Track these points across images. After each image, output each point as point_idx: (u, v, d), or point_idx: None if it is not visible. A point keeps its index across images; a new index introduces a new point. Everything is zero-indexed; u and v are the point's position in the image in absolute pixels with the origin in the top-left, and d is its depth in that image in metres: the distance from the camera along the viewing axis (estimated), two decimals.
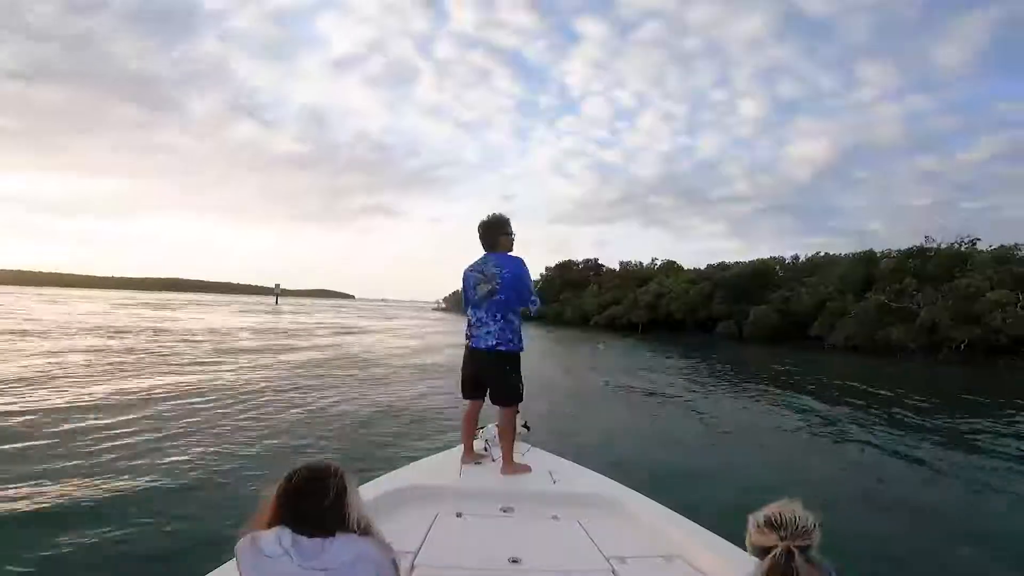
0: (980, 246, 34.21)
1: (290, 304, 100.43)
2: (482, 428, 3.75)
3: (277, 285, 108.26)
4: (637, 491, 2.94)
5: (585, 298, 65.25)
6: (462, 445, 3.46)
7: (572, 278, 76.95)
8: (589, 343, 33.91)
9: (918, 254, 34.59)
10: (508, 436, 3.21)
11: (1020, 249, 33.62)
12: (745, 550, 1.50)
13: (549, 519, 2.63)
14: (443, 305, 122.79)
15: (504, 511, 2.71)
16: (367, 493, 2.54)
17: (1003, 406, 13.41)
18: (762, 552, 1.34)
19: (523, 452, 3.65)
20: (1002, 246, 33.47)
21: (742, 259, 52.62)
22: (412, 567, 2.03)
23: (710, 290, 48.48)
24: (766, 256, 53.08)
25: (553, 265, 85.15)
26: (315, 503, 1.28)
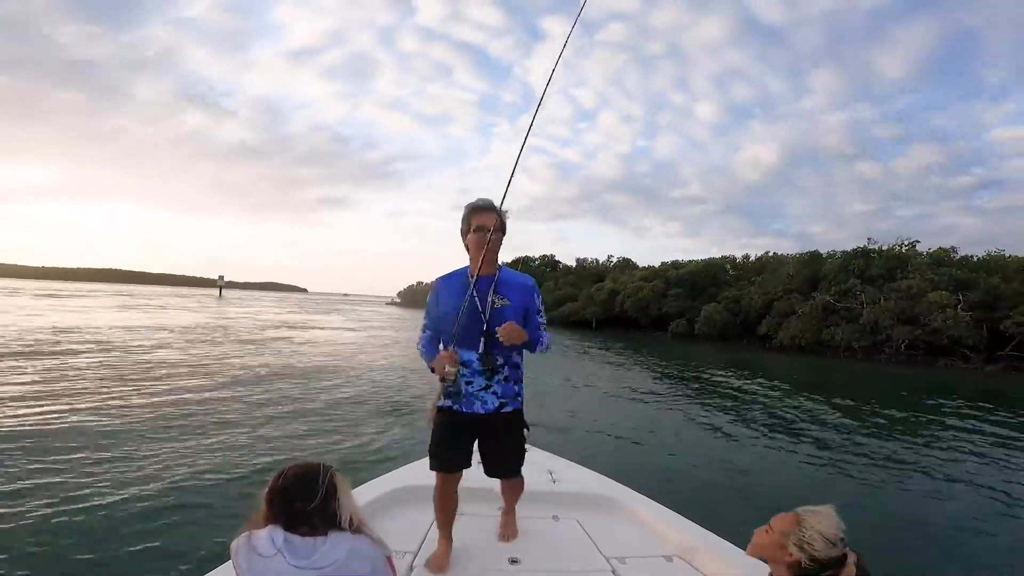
0: (918, 249, 35.17)
1: (235, 297, 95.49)
2: None
3: (221, 277, 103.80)
4: (637, 491, 2.93)
5: (541, 294, 64.51)
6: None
7: (528, 273, 76.26)
8: None
9: (861, 255, 35.20)
10: (517, 497, 2.50)
11: (956, 252, 34.86)
12: (743, 550, 1.61)
13: (549, 519, 2.63)
14: (397, 300, 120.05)
15: (504, 511, 2.68)
16: (366, 493, 2.60)
17: (940, 407, 13.05)
18: (827, 564, 1.41)
19: None
20: (940, 248, 34.52)
21: (695, 258, 53.03)
22: (412, 567, 2.07)
23: (663, 288, 48.43)
24: (718, 255, 53.73)
25: (510, 261, 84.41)
26: (304, 502, 1.28)
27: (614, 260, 70.32)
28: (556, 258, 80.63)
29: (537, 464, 3.27)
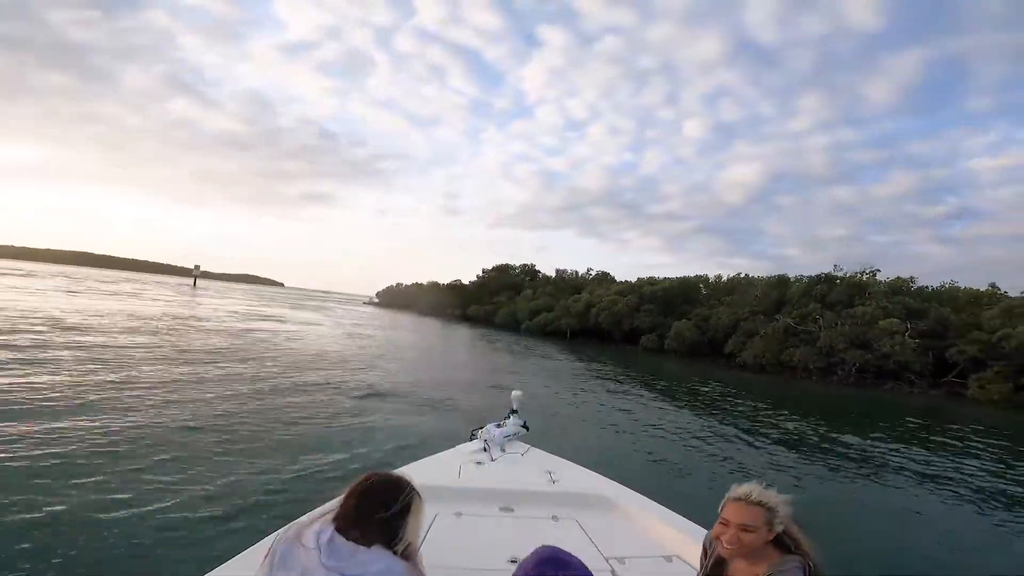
0: (879, 277, 36.83)
1: (209, 288, 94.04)
2: (481, 428, 3.73)
3: (196, 267, 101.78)
4: (636, 491, 2.95)
5: (518, 302, 65.21)
6: (459, 447, 3.11)
7: (508, 282, 77.03)
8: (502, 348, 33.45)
9: (825, 281, 36.73)
10: None
11: (915, 282, 36.58)
12: None
13: (548, 519, 2.63)
14: (376, 300, 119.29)
15: (503, 511, 2.69)
16: None
17: (876, 426, 14.04)
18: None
19: (522, 452, 3.66)
20: (899, 278, 36.18)
21: (673, 275, 54.45)
22: None
23: (636, 303, 49.51)
24: (696, 273, 55.14)
25: (491, 267, 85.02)
26: (379, 509, 1.30)
27: (593, 273, 71.51)
28: (536, 267, 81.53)
29: (537, 464, 3.38)
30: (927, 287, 35.56)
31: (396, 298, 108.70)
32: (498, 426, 3.78)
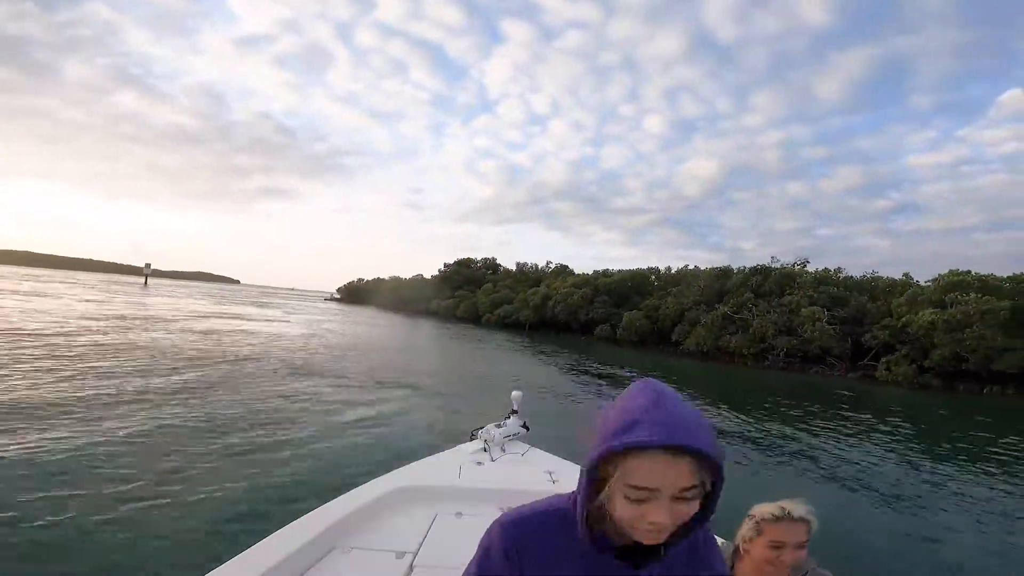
0: (809, 268, 39.53)
1: (161, 286, 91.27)
2: (481, 428, 3.73)
3: (147, 265, 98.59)
4: None
5: (479, 296, 66.27)
6: (459, 447, 3.22)
7: (470, 276, 77.98)
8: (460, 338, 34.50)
9: (760, 272, 39.20)
10: None
11: (842, 272, 39.42)
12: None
13: None
14: (337, 296, 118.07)
15: (503, 511, 2.64)
16: (367, 493, 2.57)
17: (797, 404, 15.79)
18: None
19: (522, 452, 3.66)
20: (825, 269, 38.95)
21: (635, 267, 56.63)
22: (412, 567, 2.04)
23: (591, 295, 51.33)
24: (657, 265, 57.49)
25: (453, 262, 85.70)
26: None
27: (552, 266, 73.16)
28: (498, 261, 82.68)
29: (537, 465, 3.39)
30: (852, 277, 38.43)
31: (357, 294, 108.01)
32: (498, 426, 3.78)
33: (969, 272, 28.80)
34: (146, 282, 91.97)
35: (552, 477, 3.19)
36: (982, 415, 17.60)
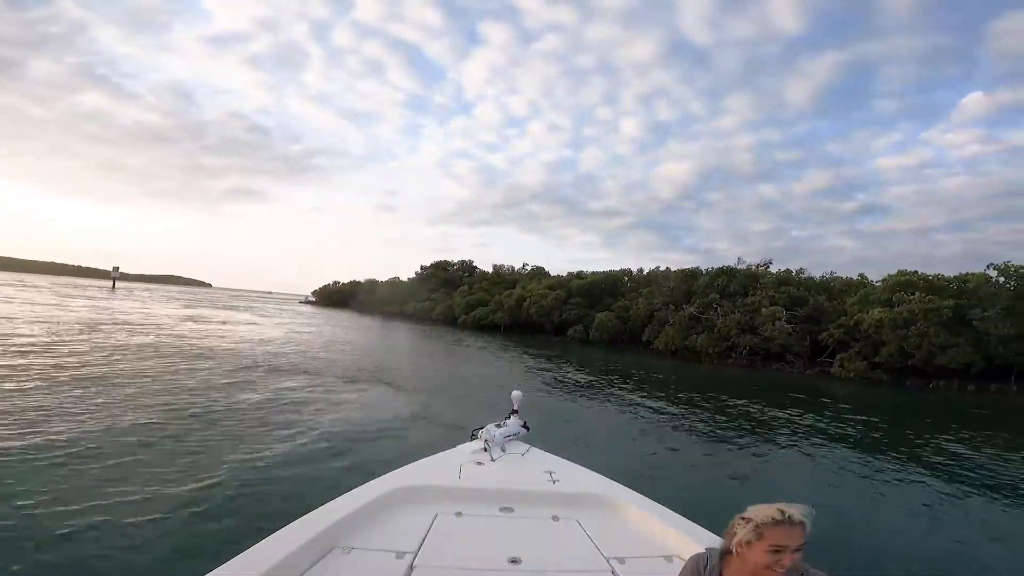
0: (773, 269, 41.11)
1: (130, 290, 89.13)
2: (481, 428, 3.72)
3: (115, 268, 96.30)
4: (637, 491, 2.97)
5: (455, 298, 66.66)
6: (459, 447, 3.37)
7: (447, 278, 78.24)
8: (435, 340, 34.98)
9: (726, 273, 40.62)
10: None
11: (804, 272, 41.08)
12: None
13: (549, 519, 2.64)
14: (312, 299, 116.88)
15: (504, 511, 2.69)
16: (367, 493, 2.59)
17: (756, 399, 16.77)
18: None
19: (523, 452, 3.68)
20: (787, 270, 40.58)
21: (611, 268, 57.87)
22: (412, 567, 2.04)
23: (565, 296, 52.27)
24: (633, 267, 58.63)
25: (429, 264, 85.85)
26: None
27: (529, 268, 73.97)
28: (474, 264, 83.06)
29: (537, 465, 3.40)
30: (812, 278, 40.09)
31: (333, 297, 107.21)
32: (498, 426, 3.79)
33: (916, 272, 30.46)
34: (114, 285, 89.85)
35: (552, 477, 3.18)
36: (923, 408, 18.96)
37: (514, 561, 2.15)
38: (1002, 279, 28.47)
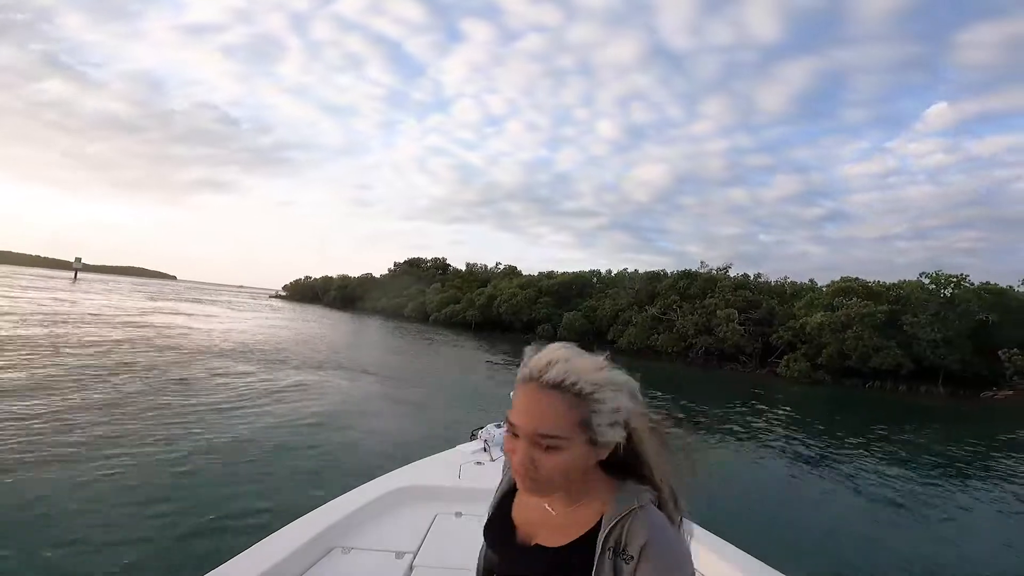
0: (732, 273, 43.12)
1: (93, 281, 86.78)
2: (481, 428, 3.70)
3: (78, 259, 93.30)
4: None
5: (427, 295, 67.27)
6: (459, 447, 3.30)
7: (420, 275, 78.71)
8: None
9: (688, 276, 42.44)
10: None
11: (761, 276, 43.25)
12: (743, 550, 1.61)
13: None
14: (283, 293, 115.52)
15: None
16: (366, 494, 2.57)
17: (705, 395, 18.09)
18: None
19: None
20: (745, 275, 42.68)
21: (584, 269, 59.41)
22: (411, 567, 2.04)
23: (535, 296, 53.51)
24: (606, 268, 60.48)
25: (403, 260, 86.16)
26: None
27: (502, 267, 74.99)
28: (447, 261, 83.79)
29: None
30: (768, 282, 42.24)
31: (304, 292, 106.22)
32: (498, 426, 3.74)
33: (856, 279, 32.65)
34: (75, 277, 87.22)
35: None
36: (855, 406, 20.71)
37: None
38: (933, 287, 30.80)
